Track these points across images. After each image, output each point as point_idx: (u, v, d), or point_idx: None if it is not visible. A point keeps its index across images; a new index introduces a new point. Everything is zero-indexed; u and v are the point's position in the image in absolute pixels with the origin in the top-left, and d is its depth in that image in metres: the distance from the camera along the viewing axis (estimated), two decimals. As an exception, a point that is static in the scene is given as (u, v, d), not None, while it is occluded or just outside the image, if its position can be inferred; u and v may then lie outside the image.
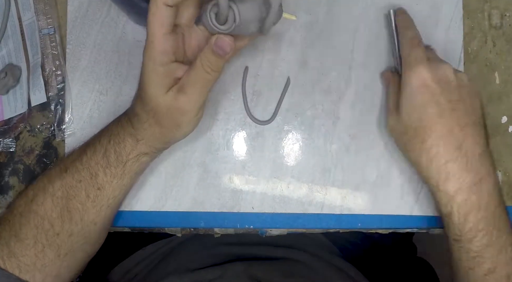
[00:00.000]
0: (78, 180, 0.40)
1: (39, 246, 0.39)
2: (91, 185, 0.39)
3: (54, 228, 0.39)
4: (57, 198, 0.39)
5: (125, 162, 0.39)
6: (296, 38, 0.47)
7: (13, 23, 0.47)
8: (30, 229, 0.39)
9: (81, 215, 0.40)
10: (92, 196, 0.40)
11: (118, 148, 0.39)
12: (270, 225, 0.47)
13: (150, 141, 0.39)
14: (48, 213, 0.39)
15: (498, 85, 0.48)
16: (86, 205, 0.40)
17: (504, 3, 0.48)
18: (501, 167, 0.48)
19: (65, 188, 0.40)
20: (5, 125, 0.47)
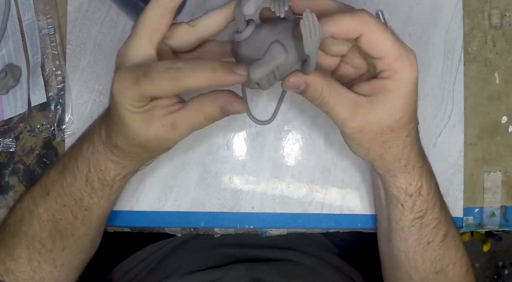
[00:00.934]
0: (62, 204, 0.38)
1: (34, 263, 0.39)
2: (77, 208, 0.38)
3: (46, 246, 0.39)
4: (44, 220, 0.39)
5: (111, 185, 0.38)
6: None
7: (13, 23, 0.47)
8: (22, 249, 0.39)
9: (71, 232, 0.39)
10: (80, 217, 0.39)
11: (102, 175, 0.37)
12: (270, 225, 0.47)
13: (137, 163, 0.37)
14: (38, 234, 0.39)
15: (498, 85, 0.48)
16: (75, 224, 0.39)
17: (504, 3, 0.48)
18: (501, 167, 0.48)
19: (50, 212, 0.39)
20: (5, 125, 0.47)
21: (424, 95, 0.47)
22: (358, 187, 0.47)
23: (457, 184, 0.47)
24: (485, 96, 0.48)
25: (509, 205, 0.48)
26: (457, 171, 0.47)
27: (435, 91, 0.47)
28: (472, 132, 0.47)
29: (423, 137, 0.46)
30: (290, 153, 0.47)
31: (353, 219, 0.47)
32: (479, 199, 0.48)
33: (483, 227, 0.48)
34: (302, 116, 0.47)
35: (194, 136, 0.46)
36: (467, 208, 0.47)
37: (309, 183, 0.47)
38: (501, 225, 0.48)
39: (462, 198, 0.47)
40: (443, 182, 0.47)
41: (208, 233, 0.48)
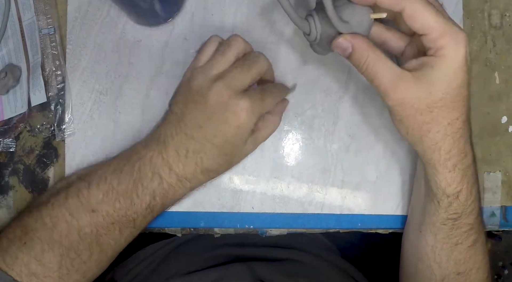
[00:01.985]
0: (111, 222, 0.38)
1: (64, 270, 0.38)
2: (127, 226, 0.38)
3: (81, 257, 0.38)
4: (85, 233, 0.38)
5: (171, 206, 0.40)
6: (296, 38, 0.47)
7: (13, 23, 0.47)
8: (53, 256, 0.37)
9: (113, 248, 0.39)
10: (125, 233, 0.39)
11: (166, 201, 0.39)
12: (270, 225, 0.47)
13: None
14: (75, 245, 0.38)
15: (498, 85, 0.48)
16: (119, 241, 0.39)
17: (504, 3, 0.48)
18: (501, 167, 0.48)
19: (94, 227, 0.38)
20: (5, 125, 0.47)
21: (424, 95, 0.47)
22: (358, 187, 0.47)
23: (457, 184, 0.47)
24: (485, 96, 0.48)
25: (509, 205, 0.48)
26: (457, 171, 0.47)
27: (435, 91, 0.47)
28: (472, 132, 0.47)
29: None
30: (290, 153, 0.47)
31: (353, 219, 0.47)
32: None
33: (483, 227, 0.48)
34: (302, 116, 0.47)
35: (194, 136, 0.46)
36: (467, 208, 0.47)
37: (309, 183, 0.47)
38: (501, 225, 0.48)
39: (462, 198, 0.47)
40: (443, 182, 0.47)
41: (208, 233, 0.48)
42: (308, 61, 0.47)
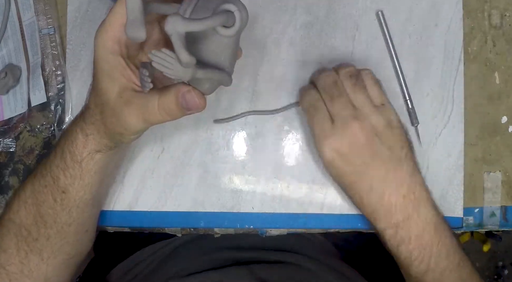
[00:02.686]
0: (44, 185, 0.39)
1: (22, 253, 0.40)
2: (56, 189, 0.39)
3: (32, 234, 0.40)
4: (29, 205, 0.40)
5: (80, 162, 0.38)
6: (296, 38, 0.47)
7: (13, 23, 0.47)
8: (10, 238, 0.40)
9: (53, 219, 0.40)
10: (59, 199, 0.39)
11: (72, 147, 0.38)
12: (270, 225, 0.47)
13: (97, 137, 0.37)
14: (23, 220, 0.40)
15: (498, 85, 0.48)
16: (55, 209, 0.39)
17: (504, 3, 0.48)
18: (501, 167, 0.48)
19: (34, 194, 0.40)
20: (5, 125, 0.47)
21: (424, 95, 0.47)
22: (358, 187, 0.47)
23: (457, 184, 0.47)
24: (485, 96, 0.48)
25: (509, 205, 0.48)
26: (457, 171, 0.47)
27: (435, 91, 0.47)
28: (472, 132, 0.47)
29: (424, 137, 0.47)
30: (290, 153, 0.47)
31: (353, 219, 0.47)
32: (479, 199, 0.48)
33: (483, 227, 0.48)
34: (302, 117, 0.47)
35: (194, 136, 0.47)
36: (467, 208, 0.47)
37: (309, 183, 0.47)
38: (501, 225, 0.48)
39: (462, 198, 0.47)
40: (443, 182, 0.47)
41: (208, 233, 0.48)
42: (308, 61, 0.47)
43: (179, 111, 0.33)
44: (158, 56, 0.28)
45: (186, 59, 0.28)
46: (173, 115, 0.34)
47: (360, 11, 0.48)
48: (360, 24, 0.47)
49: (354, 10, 0.48)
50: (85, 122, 0.37)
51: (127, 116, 0.34)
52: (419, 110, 0.47)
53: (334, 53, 0.47)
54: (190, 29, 0.27)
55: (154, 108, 0.33)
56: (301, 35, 0.47)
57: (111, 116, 0.35)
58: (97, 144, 0.38)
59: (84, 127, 0.37)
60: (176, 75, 0.29)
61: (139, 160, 0.47)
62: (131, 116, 0.34)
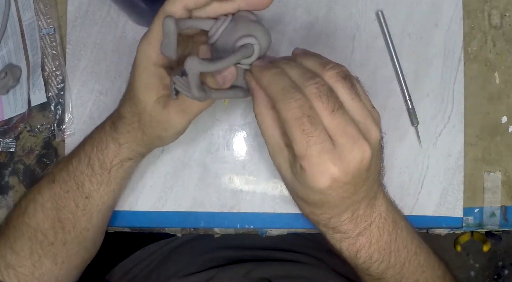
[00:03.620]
0: (66, 190, 0.39)
1: (35, 256, 0.39)
2: (79, 195, 0.39)
3: (48, 238, 0.39)
4: (47, 209, 0.39)
5: (109, 169, 0.39)
6: (296, 38, 0.47)
7: (13, 23, 0.47)
8: (24, 241, 0.39)
9: (73, 224, 0.40)
10: (81, 205, 0.39)
11: (101, 155, 0.38)
12: (270, 225, 0.47)
13: (132, 146, 0.38)
14: (40, 224, 0.39)
15: (498, 85, 0.48)
16: (76, 214, 0.39)
17: (504, 3, 0.48)
18: (501, 167, 0.48)
19: (54, 199, 0.39)
20: (5, 125, 0.47)
21: (424, 95, 0.47)
22: (358, 187, 0.47)
23: (457, 184, 0.47)
24: (485, 96, 0.48)
25: (509, 205, 0.48)
26: (457, 171, 0.47)
27: (435, 91, 0.47)
28: (472, 132, 0.47)
29: (424, 137, 0.47)
30: (290, 153, 0.47)
31: (353, 219, 0.47)
32: (479, 199, 0.48)
33: (483, 227, 0.48)
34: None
35: (194, 136, 0.47)
36: (467, 208, 0.47)
37: (309, 183, 0.47)
38: (501, 225, 0.48)
39: (462, 198, 0.47)
40: (443, 182, 0.47)
41: (208, 233, 0.48)
42: (308, 61, 0.47)
43: None
44: (178, 81, 0.32)
45: (196, 95, 0.31)
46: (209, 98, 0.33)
47: (360, 11, 0.48)
48: (360, 24, 0.47)
49: (354, 10, 0.48)
50: (117, 132, 0.38)
51: (167, 116, 0.35)
52: (419, 110, 0.47)
53: (334, 53, 0.47)
54: (204, 70, 0.30)
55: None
56: (301, 35, 0.47)
57: (150, 122, 0.36)
58: (131, 152, 0.39)
59: (117, 137, 0.38)
60: (193, 98, 0.32)
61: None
62: (171, 114, 0.35)
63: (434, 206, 0.47)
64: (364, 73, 0.47)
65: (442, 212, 0.47)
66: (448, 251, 1.23)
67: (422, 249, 0.40)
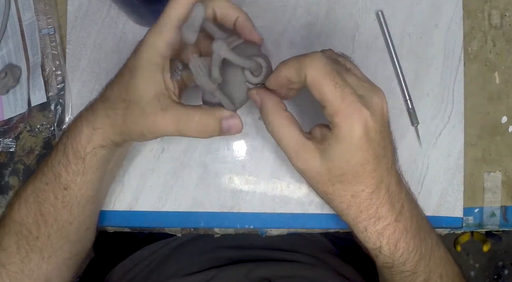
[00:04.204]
0: (45, 182, 0.39)
1: (23, 252, 0.40)
2: (57, 186, 0.39)
3: (32, 233, 0.40)
4: (30, 203, 0.39)
5: (83, 157, 0.38)
6: (296, 38, 0.47)
7: (13, 23, 0.47)
8: (11, 237, 0.40)
9: (54, 217, 0.40)
10: (60, 197, 0.39)
11: (75, 143, 0.37)
12: (270, 225, 0.47)
13: (107, 132, 0.37)
14: (24, 219, 0.39)
15: (498, 85, 0.48)
16: (56, 207, 0.39)
17: (504, 3, 0.48)
18: (501, 167, 0.48)
19: (35, 193, 0.39)
20: (5, 125, 0.47)
21: (424, 95, 0.47)
22: (358, 187, 0.47)
23: (457, 184, 0.47)
24: (485, 96, 0.48)
25: (509, 205, 0.48)
26: (457, 171, 0.47)
27: (435, 91, 0.47)
28: (472, 132, 0.47)
29: (424, 137, 0.47)
30: (290, 153, 0.47)
31: (353, 219, 0.47)
32: (479, 199, 0.48)
33: (483, 227, 0.48)
34: (302, 117, 0.47)
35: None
36: (467, 208, 0.47)
37: (309, 183, 0.47)
38: (501, 225, 0.48)
39: (462, 198, 0.47)
40: (443, 182, 0.47)
41: (208, 233, 0.48)
42: (308, 61, 0.47)
43: (217, 132, 0.34)
44: (196, 61, 0.32)
45: (216, 75, 0.33)
46: (208, 134, 0.34)
47: (360, 11, 0.48)
48: (360, 24, 0.47)
49: (354, 10, 0.48)
50: (94, 115, 0.37)
51: (160, 121, 0.34)
52: (419, 110, 0.47)
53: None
54: (228, 57, 0.32)
55: (194, 123, 0.34)
56: (301, 35, 0.47)
57: (138, 116, 0.34)
58: (104, 139, 0.37)
59: (92, 120, 0.37)
60: (201, 83, 0.33)
61: (139, 160, 0.47)
62: (165, 122, 0.34)
63: (434, 206, 0.47)
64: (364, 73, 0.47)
65: (442, 212, 0.47)
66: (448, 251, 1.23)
67: (440, 241, 0.40)
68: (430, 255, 0.38)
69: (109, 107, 0.36)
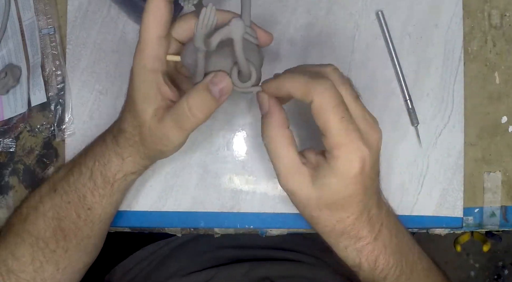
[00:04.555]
0: (67, 201, 0.39)
1: (37, 263, 0.39)
2: (81, 206, 0.39)
3: (49, 246, 0.39)
4: (49, 218, 0.39)
5: (112, 183, 0.38)
6: (296, 38, 0.47)
7: (13, 23, 0.47)
8: (25, 248, 0.39)
9: (74, 233, 0.39)
10: (83, 216, 0.39)
11: (104, 170, 0.38)
12: (270, 225, 0.47)
13: (136, 159, 0.37)
14: (42, 233, 0.39)
15: (498, 85, 0.48)
16: (78, 224, 0.39)
17: (504, 3, 0.48)
18: (501, 167, 0.48)
19: (55, 209, 0.39)
20: (5, 125, 0.47)
21: (424, 95, 0.47)
22: (358, 187, 0.47)
23: (457, 184, 0.47)
24: (485, 96, 0.48)
25: (509, 205, 0.48)
26: (457, 171, 0.47)
27: (435, 91, 0.47)
28: (472, 132, 0.47)
29: (424, 137, 0.47)
30: (290, 153, 0.47)
31: (353, 219, 0.47)
32: (479, 199, 0.48)
33: (483, 227, 0.48)
34: (302, 116, 0.47)
35: (194, 136, 0.46)
36: (467, 208, 0.47)
37: (309, 183, 0.47)
38: (501, 225, 0.48)
39: (462, 198, 0.47)
40: (443, 182, 0.47)
41: (208, 233, 0.48)
42: (308, 61, 0.47)
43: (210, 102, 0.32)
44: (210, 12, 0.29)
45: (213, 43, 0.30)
46: (204, 111, 0.32)
47: (360, 11, 0.48)
48: (360, 24, 0.47)
49: (354, 10, 0.48)
50: (119, 146, 0.37)
51: (164, 131, 0.34)
52: (419, 110, 0.47)
53: (334, 53, 0.47)
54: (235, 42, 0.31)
55: (185, 112, 0.32)
56: (301, 35, 0.47)
57: (150, 136, 0.35)
58: (135, 166, 0.38)
59: (120, 152, 0.37)
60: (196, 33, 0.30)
61: (139, 160, 0.47)
62: (168, 129, 0.33)
63: (434, 206, 0.47)
64: (364, 73, 0.47)
65: (442, 212, 0.47)
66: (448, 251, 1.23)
67: (423, 254, 0.41)
68: (412, 269, 0.39)
69: (129, 138, 0.36)
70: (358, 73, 0.47)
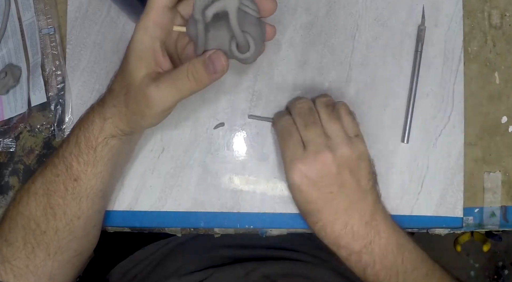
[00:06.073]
0: (56, 174, 0.40)
1: (29, 247, 0.40)
2: (68, 177, 0.40)
3: (40, 226, 0.40)
4: (39, 196, 0.40)
5: (94, 147, 0.39)
6: (296, 38, 0.47)
7: (13, 23, 0.47)
8: (18, 231, 0.40)
9: (63, 210, 0.40)
10: (70, 188, 0.40)
11: (87, 132, 0.39)
12: (270, 225, 0.47)
13: (116, 121, 0.38)
14: (33, 212, 0.40)
15: (498, 85, 0.48)
16: (66, 199, 0.40)
17: (504, 3, 0.48)
18: (501, 167, 0.48)
19: (45, 185, 0.40)
20: (5, 125, 0.47)
21: (424, 95, 0.47)
22: (358, 187, 0.47)
23: (457, 184, 0.47)
24: (485, 96, 0.48)
25: (509, 205, 0.48)
26: (457, 171, 0.47)
27: (435, 91, 0.47)
28: (472, 132, 0.47)
29: (424, 137, 0.47)
30: (290, 153, 0.47)
31: (353, 219, 0.47)
32: (479, 199, 0.48)
33: (483, 227, 0.48)
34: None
35: (194, 136, 0.47)
36: (467, 208, 0.47)
37: (309, 183, 0.47)
38: (501, 225, 0.48)
39: (462, 198, 0.47)
40: (443, 182, 0.47)
41: (208, 233, 0.48)
42: (308, 61, 0.47)
43: (207, 75, 0.34)
44: None
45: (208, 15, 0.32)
46: (201, 81, 0.35)
47: (360, 11, 0.48)
48: (360, 24, 0.47)
49: (354, 10, 0.48)
50: (104, 106, 0.38)
51: (155, 91, 0.35)
52: (419, 110, 0.47)
53: (334, 53, 0.47)
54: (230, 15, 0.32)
55: (184, 75, 0.34)
56: (301, 35, 0.47)
57: (136, 96, 0.36)
58: (114, 128, 0.39)
59: (103, 112, 0.38)
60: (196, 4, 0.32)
61: (139, 160, 0.47)
62: (161, 88, 0.35)
63: (434, 206, 0.47)
64: (364, 73, 0.47)
65: (442, 212, 0.47)
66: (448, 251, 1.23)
67: (435, 271, 0.42)
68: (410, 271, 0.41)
69: (115, 97, 0.38)
70: (358, 73, 0.47)
